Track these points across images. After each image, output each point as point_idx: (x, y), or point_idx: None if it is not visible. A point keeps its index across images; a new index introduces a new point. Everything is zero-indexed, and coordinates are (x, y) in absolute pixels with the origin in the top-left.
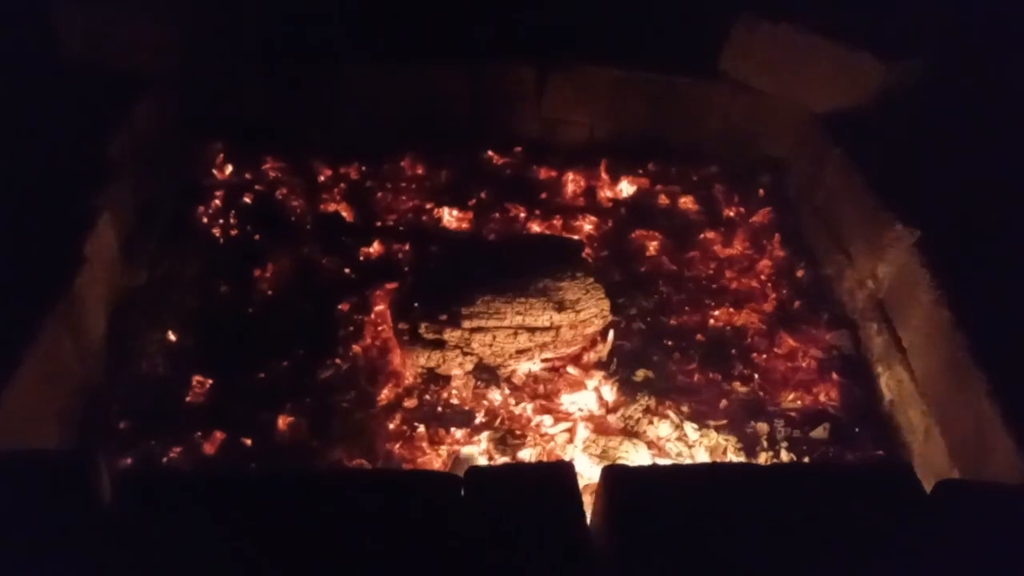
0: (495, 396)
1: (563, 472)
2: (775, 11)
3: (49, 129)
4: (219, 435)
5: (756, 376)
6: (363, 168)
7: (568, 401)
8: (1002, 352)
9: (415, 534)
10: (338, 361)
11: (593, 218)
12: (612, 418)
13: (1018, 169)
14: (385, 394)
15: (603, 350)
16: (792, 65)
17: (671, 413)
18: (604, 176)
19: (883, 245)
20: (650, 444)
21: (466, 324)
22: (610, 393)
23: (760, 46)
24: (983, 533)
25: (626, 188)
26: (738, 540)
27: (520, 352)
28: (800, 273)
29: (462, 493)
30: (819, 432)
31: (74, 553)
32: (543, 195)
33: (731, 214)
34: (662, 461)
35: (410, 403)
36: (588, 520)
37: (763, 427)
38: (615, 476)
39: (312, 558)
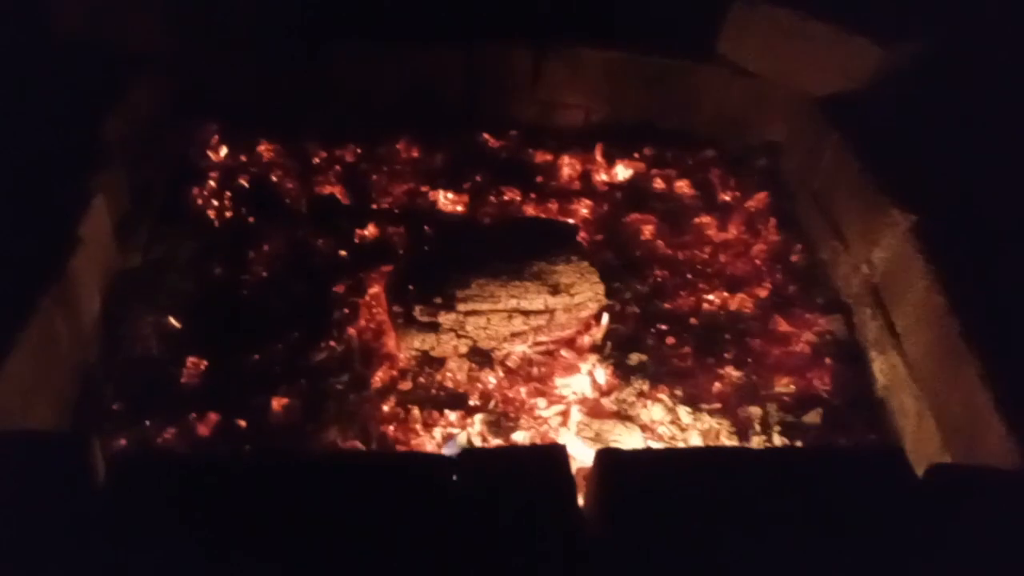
0: (489, 379)
1: (556, 455)
2: None
3: (43, 110)
4: (213, 417)
5: (750, 360)
6: (358, 150)
7: (562, 384)
8: (995, 337)
9: (408, 516)
10: (332, 343)
11: (588, 202)
12: (606, 401)
13: (1016, 155)
14: (379, 376)
15: (597, 334)
16: (790, 48)
17: (664, 397)
18: (600, 160)
19: (878, 230)
20: (643, 428)
21: (461, 307)
22: (604, 376)
23: (758, 29)
24: (974, 517)
25: (622, 172)
26: (730, 524)
27: (514, 335)
28: (795, 258)
29: (455, 475)
30: (812, 416)
31: (67, 534)
32: (539, 178)
33: (727, 198)
34: (655, 445)
35: (404, 385)
36: (581, 503)
37: (756, 411)
38: (608, 459)
39: (305, 539)
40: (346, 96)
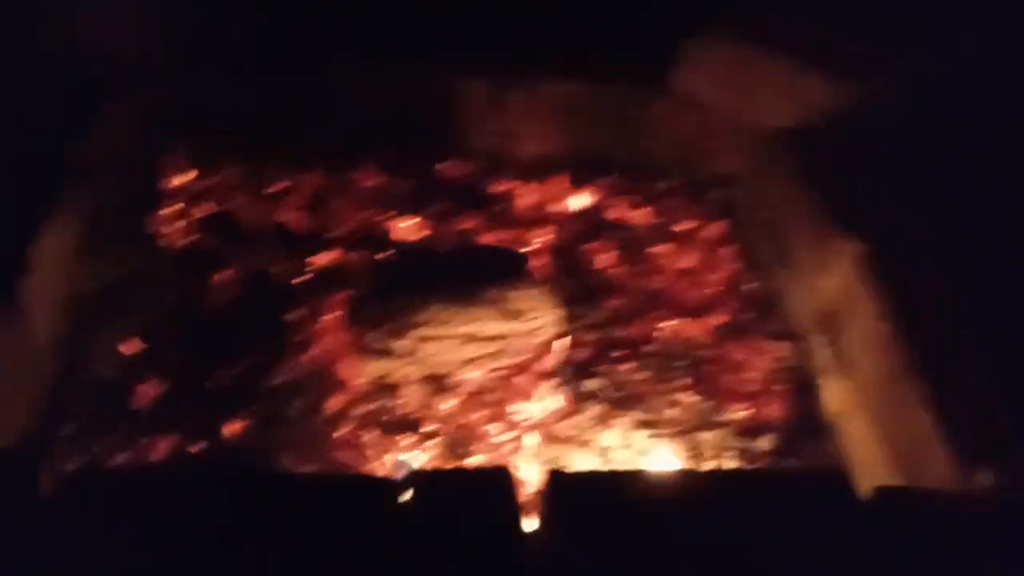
0: (443, 405)
1: (502, 477)
2: (732, 28)
3: (8, 127)
4: (167, 441)
5: (704, 386)
6: (319, 177)
7: (517, 410)
8: (940, 364)
9: (354, 537)
10: (289, 369)
11: (546, 230)
12: (561, 427)
13: (969, 185)
14: (334, 402)
15: (553, 360)
16: (745, 82)
17: (620, 422)
18: (558, 189)
19: (828, 259)
20: (599, 452)
21: (415, 333)
22: (559, 402)
23: (714, 63)
24: (918, 538)
25: (580, 201)
26: (679, 546)
27: (469, 361)
28: (750, 286)
29: (402, 497)
30: (764, 442)
31: (14, 555)
32: (497, 207)
33: (684, 228)
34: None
35: (358, 411)
36: (533, 526)
37: (710, 436)
38: (559, 482)
39: (251, 559)
40: (308, 122)
